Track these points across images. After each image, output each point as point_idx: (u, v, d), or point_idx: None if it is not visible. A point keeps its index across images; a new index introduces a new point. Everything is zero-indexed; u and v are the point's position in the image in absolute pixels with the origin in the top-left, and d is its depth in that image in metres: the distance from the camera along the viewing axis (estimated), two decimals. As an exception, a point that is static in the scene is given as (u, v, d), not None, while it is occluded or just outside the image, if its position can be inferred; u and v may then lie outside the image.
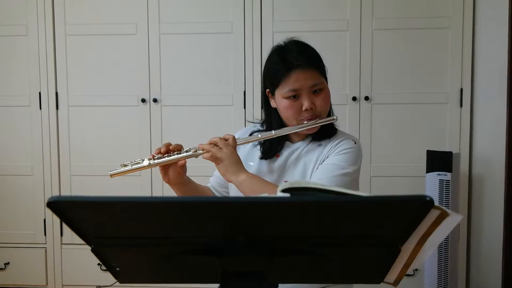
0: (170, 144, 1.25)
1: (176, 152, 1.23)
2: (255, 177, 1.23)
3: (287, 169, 1.31)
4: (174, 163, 1.24)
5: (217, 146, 1.22)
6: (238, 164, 1.22)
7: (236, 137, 1.26)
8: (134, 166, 1.22)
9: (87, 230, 0.68)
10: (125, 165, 1.23)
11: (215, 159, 1.21)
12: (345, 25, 2.34)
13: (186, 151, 1.24)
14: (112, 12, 2.42)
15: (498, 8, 2.26)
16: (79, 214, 0.64)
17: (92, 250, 0.72)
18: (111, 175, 1.23)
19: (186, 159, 1.25)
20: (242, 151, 1.37)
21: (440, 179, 2.17)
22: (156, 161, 1.22)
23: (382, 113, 2.36)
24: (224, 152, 1.21)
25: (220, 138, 1.24)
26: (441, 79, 2.33)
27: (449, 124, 2.34)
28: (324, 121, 1.28)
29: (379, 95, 2.35)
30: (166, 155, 1.23)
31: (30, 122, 2.49)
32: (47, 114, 2.48)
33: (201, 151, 1.23)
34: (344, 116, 2.33)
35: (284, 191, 0.68)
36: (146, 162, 1.21)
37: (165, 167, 1.26)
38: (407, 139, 2.36)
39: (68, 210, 0.63)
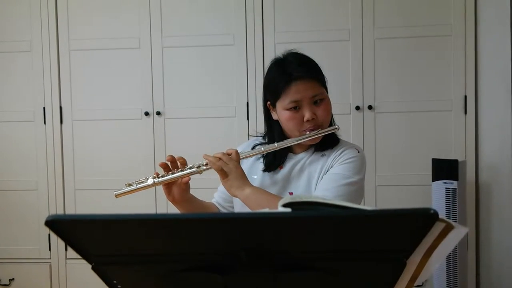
0: (173, 158, 1.24)
1: (179, 169, 1.23)
2: (261, 190, 1.23)
3: (291, 180, 1.31)
4: (177, 180, 1.24)
5: (221, 160, 1.21)
6: (242, 178, 1.21)
7: (239, 151, 1.26)
8: (139, 186, 1.22)
9: (87, 248, 0.67)
10: (130, 185, 1.22)
11: (220, 173, 1.21)
12: (347, 34, 2.34)
13: (190, 168, 1.23)
14: (115, 26, 2.44)
15: (499, 14, 2.26)
16: (78, 233, 0.64)
17: (93, 268, 0.71)
18: (116, 196, 1.22)
19: (190, 176, 1.24)
20: (245, 164, 1.36)
21: (446, 188, 2.15)
22: (160, 179, 1.22)
23: (385, 122, 2.34)
24: (228, 166, 1.20)
25: (224, 153, 1.23)
26: (445, 86, 2.32)
27: (454, 131, 2.32)
28: (326, 130, 1.27)
29: (383, 104, 2.34)
30: (170, 172, 1.23)
31: (35, 137, 2.50)
32: (51, 129, 2.49)
33: (204, 167, 1.23)
34: (347, 125, 2.32)
35: (285, 205, 0.66)
36: (150, 181, 1.21)
37: (169, 186, 1.25)
38: (411, 148, 2.34)
39: (66, 228, 0.62)
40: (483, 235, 2.34)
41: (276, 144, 1.27)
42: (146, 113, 2.43)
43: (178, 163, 1.25)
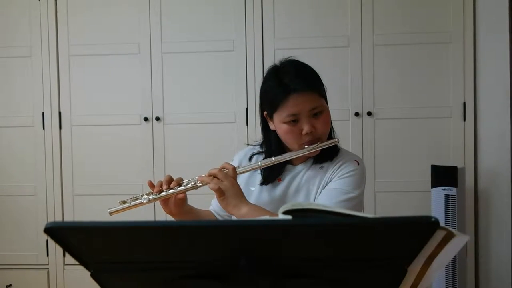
0: (171, 180, 1.21)
1: (175, 186, 1.20)
2: (258, 209, 1.19)
3: (289, 194, 1.28)
4: (173, 196, 1.22)
5: (217, 178, 1.18)
6: (239, 196, 1.18)
7: (235, 166, 1.22)
8: (133, 203, 1.20)
9: (86, 255, 0.67)
10: (124, 202, 1.20)
11: (216, 192, 1.18)
12: (346, 41, 2.35)
13: (186, 184, 1.21)
14: (114, 32, 2.45)
15: (498, 21, 2.27)
16: (77, 240, 0.63)
17: (92, 275, 0.70)
18: (110, 213, 1.21)
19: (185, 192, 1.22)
20: (242, 176, 1.32)
21: (445, 194, 2.15)
22: (155, 196, 1.19)
23: (385, 128, 2.35)
24: (224, 184, 1.16)
25: (220, 170, 1.19)
26: (444, 93, 2.32)
27: (453, 138, 2.32)
28: (325, 144, 1.23)
29: (382, 110, 2.35)
30: (165, 189, 1.20)
31: (34, 142, 2.50)
32: (50, 134, 2.48)
33: (200, 184, 1.20)
34: (347, 132, 2.32)
35: (286, 212, 0.66)
36: (145, 199, 1.19)
37: (165, 200, 1.23)
38: (411, 154, 2.34)
39: (65, 236, 0.62)
40: (482, 241, 2.33)
41: (273, 159, 1.23)
42: (145, 119, 2.43)
43: (174, 183, 1.22)
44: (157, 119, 2.43)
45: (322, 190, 1.24)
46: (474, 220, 2.32)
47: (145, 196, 1.20)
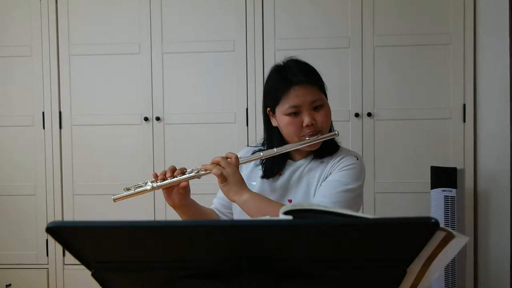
0: (175, 169, 1.24)
1: (179, 174, 1.23)
2: (259, 196, 1.22)
3: (290, 188, 1.31)
4: (176, 185, 1.24)
5: (220, 165, 1.21)
6: (241, 183, 1.21)
7: (238, 156, 1.26)
8: (137, 190, 1.21)
9: (88, 255, 0.67)
10: (128, 189, 1.22)
11: (218, 177, 1.21)
12: (347, 42, 2.35)
13: (189, 173, 1.23)
14: (115, 32, 2.45)
15: (498, 22, 2.27)
16: (79, 239, 0.64)
17: (93, 275, 0.71)
18: (114, 200, 1.22)
19: (188, 181, 1.24)
20: (244, 170, 1.36)
21: (445, 195, 2.15)
22: (158, 183, 1.21)
23: (385, 129, 2.35)
24: (227, 170, 1.20)
25: (223, 158, 1.23)
26: (444, 94, 2.33)
27: (453, 139, 2.32)
28: (326, 136, 1.27)
29: (382, 111, 2.35)
30: (169, 177, 1.22)
31: (34, 142, 2.50)
32: (50, 134, 2.49)
33: (203, 172, 1.22)
34: (347, 132, 2.32)
35: (286, 213, 0.67)
36: (149, 186, 1.20)
37: (168, 190, 1.25)
38: (410, 155, 2.34)
39: (67, 235, 0.62)
40: (481, 243, 2.34)
41: (275, 150, 1.27)
42: (146, 119, 2.43)
43: (178, 171, 1.25)
44: (158, 119, 2.43)
45: (323, 182, 1.26)
46: (473, 222, 2.32)
47: (149, 183, 1.21)
